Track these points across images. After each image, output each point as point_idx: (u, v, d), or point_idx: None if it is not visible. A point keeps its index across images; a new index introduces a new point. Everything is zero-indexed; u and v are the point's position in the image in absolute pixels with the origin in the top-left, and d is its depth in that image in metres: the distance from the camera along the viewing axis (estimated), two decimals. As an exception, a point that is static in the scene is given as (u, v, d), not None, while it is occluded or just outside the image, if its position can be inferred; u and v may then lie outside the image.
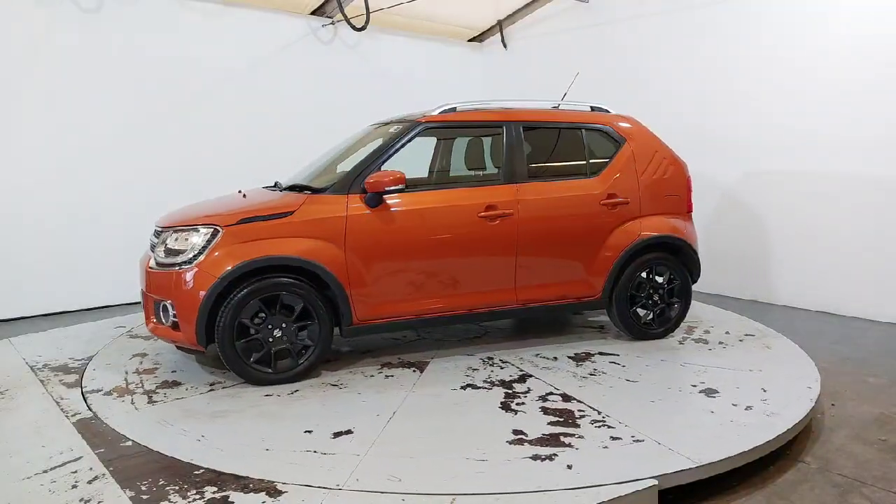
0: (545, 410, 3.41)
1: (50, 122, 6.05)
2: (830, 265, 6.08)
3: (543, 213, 4.38)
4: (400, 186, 3.93)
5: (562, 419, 3.28)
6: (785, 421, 3.22)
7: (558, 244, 4.44)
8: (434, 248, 4.13)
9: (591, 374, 3.98)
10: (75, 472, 2.76)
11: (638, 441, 3.01)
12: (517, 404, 3.51)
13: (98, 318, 5.76)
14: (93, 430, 3.20)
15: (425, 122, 4.29)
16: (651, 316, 4.71)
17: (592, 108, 4.86)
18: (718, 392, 3.64)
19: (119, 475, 2.72)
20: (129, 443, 3.04)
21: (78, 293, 6.30)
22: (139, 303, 6.40)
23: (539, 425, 3.22)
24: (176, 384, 3.93)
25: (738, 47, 6.60)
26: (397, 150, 4.19)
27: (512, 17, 8.95)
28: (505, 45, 9.22)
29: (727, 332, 4.88)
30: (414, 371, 4.12)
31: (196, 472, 2.75)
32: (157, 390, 3.82)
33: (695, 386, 3.76)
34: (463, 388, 3.78)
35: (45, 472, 2.77)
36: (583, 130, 4.68)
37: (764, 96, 6.42)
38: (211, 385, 3.89)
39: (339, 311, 3.95)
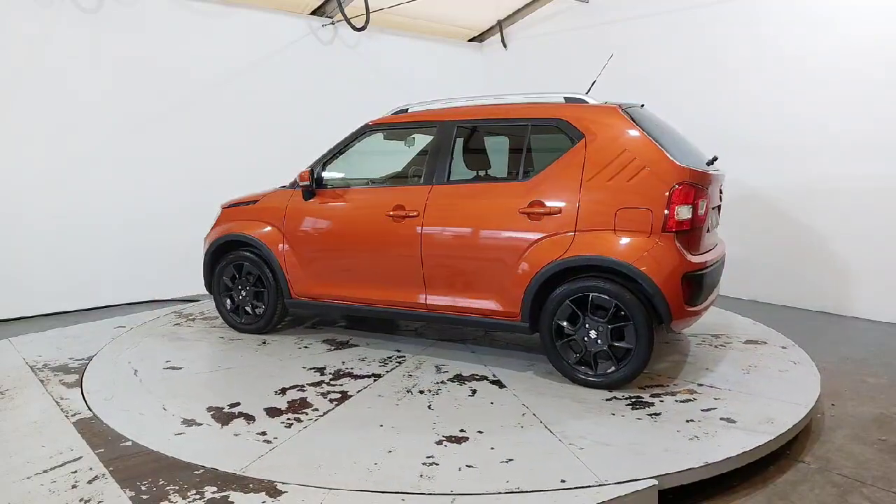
0: (295, 402, 3.56)
1: (50, 122, 6.04)
2: (830, 265, 6.09)
3: (449, 217, 4.03)
4: (305, 183, 4.47)
5: (283, 410, 3.44)
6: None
7: (463, 253, 4.01)
8: (347, 241, 4.42)
9: (422, 392, 3.67)
10: (75, 472, 2.77)
11: (267, 442, 3.04)
12: (298, 390, 3.74)
13: (98, 318, 5.76)
14: (93, 430, 3.20)
15: (371, 125, 4.56)
16: (587, 357, 3.71)
17: (567, 99, 4.04)
18: (461, 443, 3.02)
19: (119, 475, 2.72)
20: (129, 443, 3.05)
21: (78, 293, 6.30)
22: (139, 303, 6.52)
23: (255, 408, 3.46)
24: (199, 316, 5.53)
25: (739, 46, 6.60)
26: (343, 151, 4.60)
27: (512, 17, 8.95)
28: (505, 45, 9.22)
29: (719, 411, 3.31)
30: (330, 349, 4.56)
31: (196, 472, 2.75)
32: (186, 315, 5.54)
33: (462, 431, 3.14)
34: (310, 369, 4.13)
35: (45, 472, 2.77)
36: (529, 126, 4.00)
37: (764, 95, 6.42)
38: (213, 325, 5.19)
39: (282, 285, 4.67)
